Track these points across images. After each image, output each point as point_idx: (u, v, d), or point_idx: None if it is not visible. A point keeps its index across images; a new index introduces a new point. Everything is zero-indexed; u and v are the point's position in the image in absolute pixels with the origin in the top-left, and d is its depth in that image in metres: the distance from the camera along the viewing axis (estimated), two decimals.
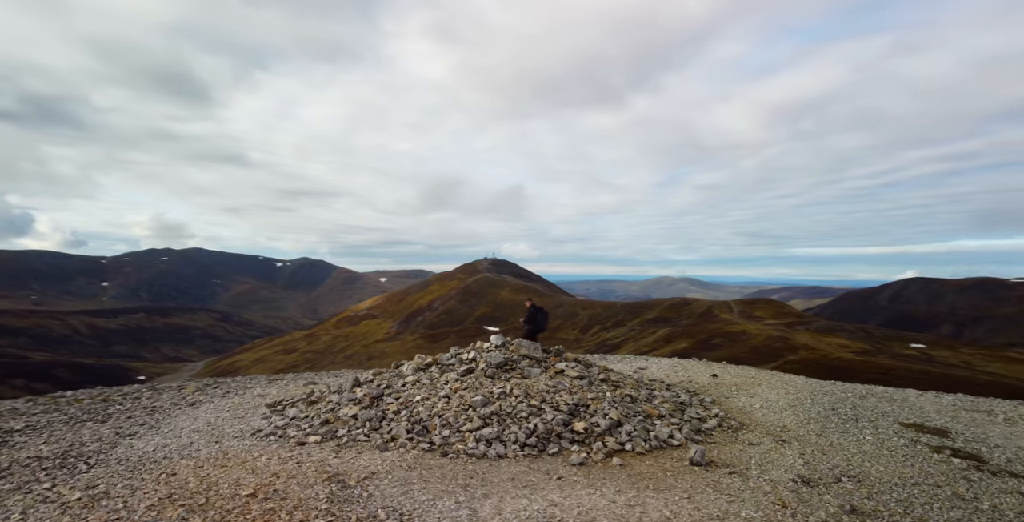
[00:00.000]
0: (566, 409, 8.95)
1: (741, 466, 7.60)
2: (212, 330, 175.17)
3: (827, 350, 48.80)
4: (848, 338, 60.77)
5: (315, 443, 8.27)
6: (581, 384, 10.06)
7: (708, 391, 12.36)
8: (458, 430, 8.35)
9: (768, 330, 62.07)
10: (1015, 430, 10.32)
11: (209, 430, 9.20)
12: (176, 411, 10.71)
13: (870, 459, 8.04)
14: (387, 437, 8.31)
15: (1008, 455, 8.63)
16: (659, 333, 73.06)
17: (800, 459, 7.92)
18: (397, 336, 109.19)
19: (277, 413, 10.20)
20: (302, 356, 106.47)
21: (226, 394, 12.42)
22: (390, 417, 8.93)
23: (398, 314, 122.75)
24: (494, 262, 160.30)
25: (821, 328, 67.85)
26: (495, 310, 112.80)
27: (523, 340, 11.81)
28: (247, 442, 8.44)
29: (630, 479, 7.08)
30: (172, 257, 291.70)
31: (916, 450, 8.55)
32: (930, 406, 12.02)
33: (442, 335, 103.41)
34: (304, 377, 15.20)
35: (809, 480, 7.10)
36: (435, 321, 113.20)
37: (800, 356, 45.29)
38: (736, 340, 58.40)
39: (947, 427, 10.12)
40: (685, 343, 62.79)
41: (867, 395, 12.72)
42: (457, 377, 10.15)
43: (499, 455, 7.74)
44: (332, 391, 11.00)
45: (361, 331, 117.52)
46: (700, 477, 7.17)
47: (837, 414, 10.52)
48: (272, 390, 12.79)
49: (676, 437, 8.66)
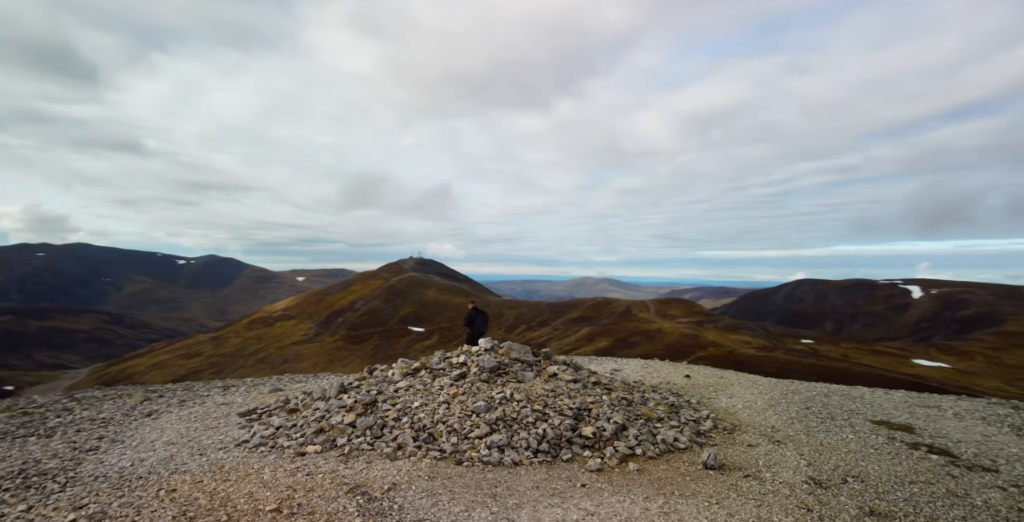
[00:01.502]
0: (570, 414, 8.91)
1: (752, 469, 7.73)
2: (100, 333, 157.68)
3: (732, 346, 52.81)
4: (750, 335, 66.10)
5: (316, 453, 7.93)
6: (576, 387, 10.05)
7: (688, 392, 12.59)
8: (466, 437, 8.19)
9: (681, 328, 66.07)
10: (965, 424, 11.13)
11: (185, 442, 8.68)
12: (133, 423, 10.03)
13: (862, 458, 8.38)
14: (393, 445, 8.04)
15: (972, 449, 9.23)
16: (582, 332, 75.43)
17: (802, 460, 8.13)
18: (316, 337, 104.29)
19: (257, 422, 9.65)
20: (207, 360, 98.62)
21: (182, 403, 11.70)
22: (391, 425, 8.64)
23: (317, 315, 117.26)
24: (420, 261, 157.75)
25: (727, 326, 73.24)
26: (421, 310, 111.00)
27: (513, 344, 11.68)
28: (237, 454, 8.02)
29: (653, 485, 7.10)
30: (50, 253, 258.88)
31: (896, 448, 8.98)
32: (887, 403, 12.70)
33: (365, 336, 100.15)
34: (264, 383, 14.45)
35: (820, 482, 7.31)
36: (357, 322, 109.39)
37: (709, 352, 48.61)
38: (652, 338, 61.61)
39: (911, 423, 10.71)
40: (606, 341, 65.30)
41: (829, 394, 13.32)
42: (451, 382, 9.94)
43: (515, 462, 7.64)
44: (316, 398, 10.47)
45: (276, 333, 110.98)
46: (719, 481, 7.25)
47: (813, 413, 10.93)
48: (236, 398, 12.12)
49: (681, 440, 8.77)
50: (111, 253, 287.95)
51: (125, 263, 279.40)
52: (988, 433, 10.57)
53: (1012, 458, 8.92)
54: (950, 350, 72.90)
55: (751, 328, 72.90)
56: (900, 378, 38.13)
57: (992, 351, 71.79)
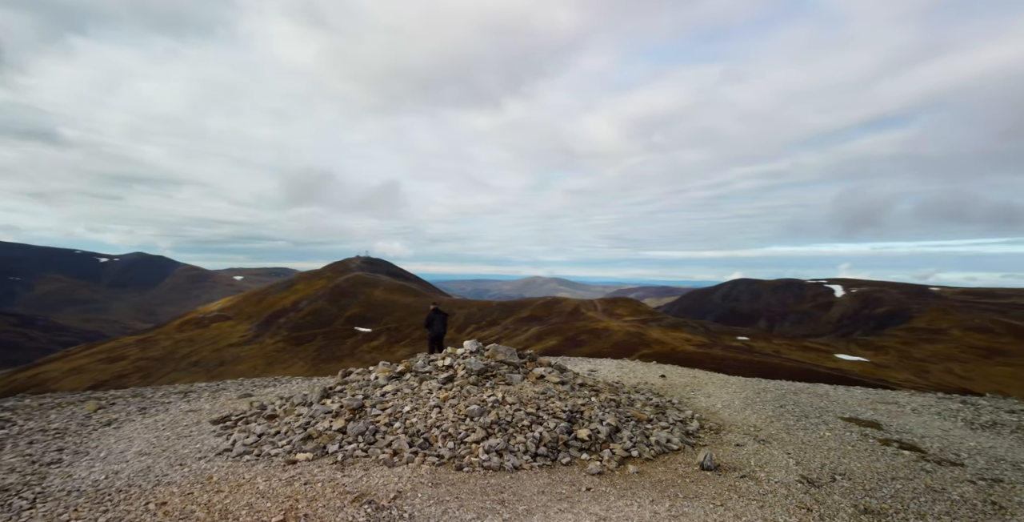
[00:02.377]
0: (564, 416, 8.87)
1: (747, 469, 7.86)
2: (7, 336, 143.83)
3: (675, 344, 54.86)
4: (691, 333, 68.89)
5: (307, 461, 7.66)
6: (565, 390, 10.01)
7: (667, 392, 12.70)
8: (462, 441, 8.07)
9: (627, 326, 67.98)
10: (924, 419, 11.63)
11: (159, 452, 8.30)
12: (93, 433, 9.51)
13: (843, 456, 8.63)
14: (389, 452, 7.85)
15: (937, 444, 9.64)
16: (531, 331, 76.08)
17: (790, 459, 8.32)
18: (255, 339, 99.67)
19: (236, 430, 9.24)
20: (133, 364, 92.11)
21: (143, 411, 11.15)
22: (383, 430, 8.42)
23: (256, 315, 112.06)
24: (367, 261, 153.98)
25: (669, 324, 76.02)
26: (368, 310, 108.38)
27: (499, 346, 11.53)
28: (220, 463, 7.68)
29: (655, 488, 7.13)
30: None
31: (870, 444, 9.28)
32: (850, 400, 13.13)
33: (308, 337, 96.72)
34: (227, 388, 13.81)
35: (812, 480, 7.49)
36: (300, 322, 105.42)
37: (653, 350, 50.28)
38: (600, 336, 63.00)
39: (877, 420, 11.09)
40: (554, 340, 66.17)
41: (798, 392, 13.68)
42: (440, 385, 9.75)
43: (515, 467, 7.57)
44: (297, 403, 10.12)
45: (211, 334, 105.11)
46: (718, 482, 7.34)
47: (788, 411, 11.22)
48: (203, 404, 11.63)
49: (673, 441, 8.85)
50: (21, 250, 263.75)
51: (38, 261, 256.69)
52: (945, 427, 11.08)
53: (972, 451, 9.40)
54: (867, 345, 78.89)
55: (692, 326, 76.03)
56: (825, 372, 40.92)
57: (903, 346, 78.33)
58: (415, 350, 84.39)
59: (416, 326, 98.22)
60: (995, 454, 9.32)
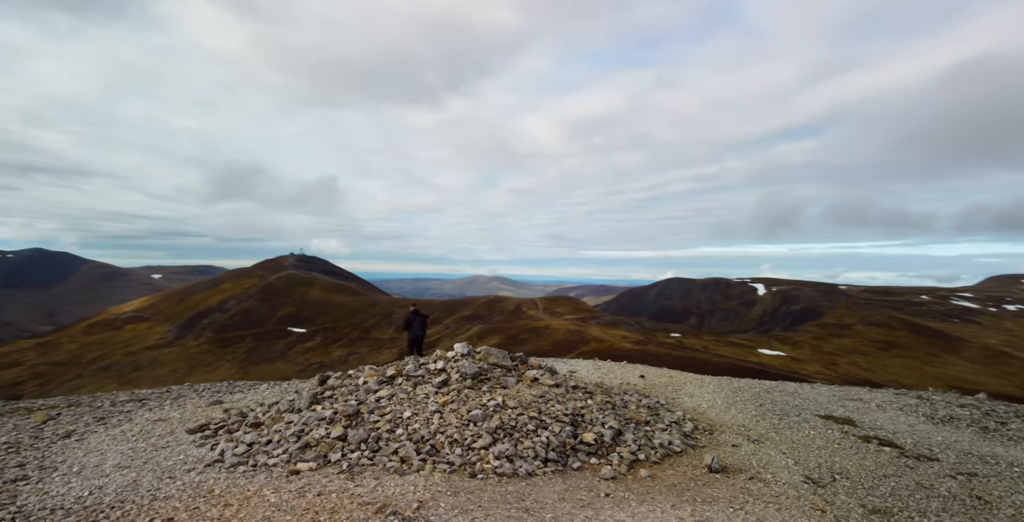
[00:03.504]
0: (567, 420, 8.80)
1: (752, 470, 7.93)
2: None
3: (612, 341, 56.58)
4: (627, 330, 71.30)
5: (311, 471, 7.34)
6: (560, 392, 9.93)
7: (651, 392, 12.68)
8: (470, 448, 7.91)
9: (567, 325, 69.33)
10: (890, 415, 12.04)
11: (141, 465, 7.86)
12: (52, 446, 8.91)
13: (833, 454, 8.82)
14: (396, 460, 7.60)
15: (909, 439, 9.94)
16: (473, 329, 75.92)
17: (788, 459, 8.44)
18: (176, 341, 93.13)
19: (224, 439, 8.75)
20: (30, 370, 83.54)
21: (101, 421, 10.46)
22: (386, 437, 8.15)
23: (178, 316, 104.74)
24: (302, 259, 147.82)
25: (608, 322, 78.32)
26: (302, 310, 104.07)
27: (491, 349, 11.30)
28: (215, 475, 7.31)
29: (672, 492, 7.13)
30: None
31: (852, 441, 9.51)
32: (819, 397, 13.43)
33: (236, 338, 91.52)
34: (188, 394, 13.04)
35: (815, 480, 7.62)
36: (227, 323, 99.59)
37: (592, 347, 51.60)
38: (541, 334, 63.89)
39: (850, 417, 11.40)
40: (496, 339, 66.38)
41: (770, 390, 13.91)
42: (436, 390, 9.54)
43: (528, 473, 7.46)
44: (284, 410, 9.67)
45: (124, 337, 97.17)
46: (729, 485, 7.40)
47: (768, 410, 11.40)
48: (171, 413, 11.02)
49: (675, 444, 8.87)
50: None
51: None
52: (911, 423, 11.54)
53: (941, 446, 9.82)
54: (785, 340, 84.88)
55: (628, 323, 78.73)
56: (750, 367, 43.70)
57: (815, 340, 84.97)
58: (353, 350, 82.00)
59: (354, 326, 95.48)
60: (961, 448, 9.78)
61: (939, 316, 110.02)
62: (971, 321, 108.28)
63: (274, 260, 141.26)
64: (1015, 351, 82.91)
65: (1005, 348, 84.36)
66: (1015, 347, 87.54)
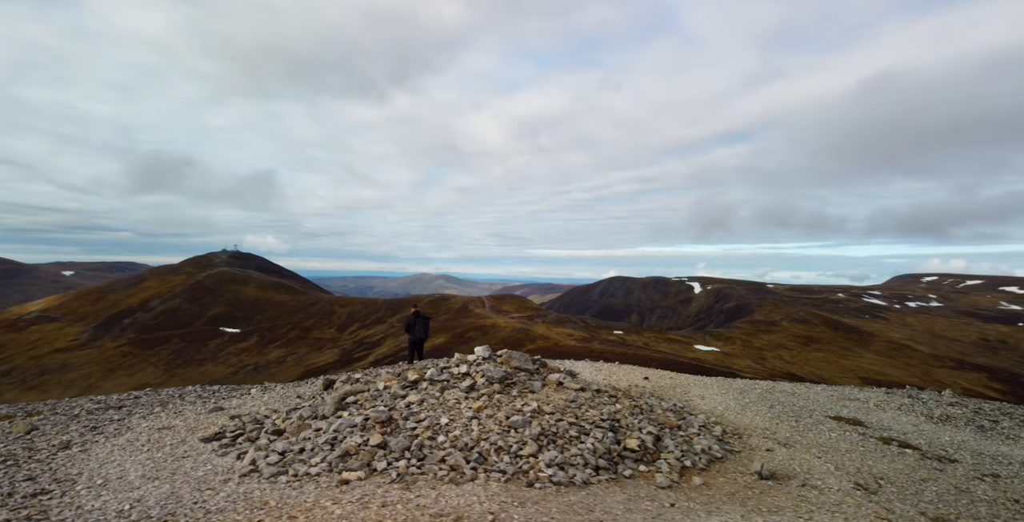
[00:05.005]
0: (606, 425, 8.66)
1: (800, 476, 7.84)
2: None
3: (558, 339, 57.54)
4: (572, 328, 72.74)
5: (360, 480, 7.06)
6: (588, 396, 9.77)
7: (664, 395, 12.51)
8: (518, 455, 7.72)
9: (513, 323, 69.79)
10: (891, 415, 12.24)
11: (168, 476, 7.51)
12: (55, 458, 8.44)
13: (863, 458, 8.75)
14: (445, 468, 7.36)
15: (921, 440, 10.02)
16: None
17: (828, 464, 8.35)
18: (92, 343, 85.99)
19: (252, 448, 8.34)
20: None
21: (95, 430, 9.91)
22: (428, 444, 7.91)
23: (94, 316, 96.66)
24: (235, 255, 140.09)
25: (553, 320, 79.53)
26: (236, 309, 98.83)
27: (513, 352, 11.07)
28: (256, 485, 7.00)
29: (733, 501, 6.99)
30: None
31: (874, 444, 9.52)
32: (818, 398, 13.52)
33: (161, 340, 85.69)
34: (179, 400, 12.42)
35: (865, 486, 7.56)
36: (151, 323, 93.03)
37: (538, 345, 52.24)
38: (487, 333, 63.96)
39: (857, 417, 11.49)
40: (443, 338, 65.86)
41: (770, 391, 13.93)
42: (464, 395, 9.32)
43: (584, 481, 7.31)
44: (307, 417, 9.29)
45: (30, 339, 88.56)
46: (785, 493, 7.29)
47: (781, 412, 11.42)
48: (174, 421, 10.46)
49: (714, 449, 8.73)
50: None
51: None
52: (914, 422, 11.74)
53: (954, 446, 9.96)
54: (719, 337, 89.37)
55: (573, 321, 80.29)
56: (686, 362, 45.79)
57: (746, 336, 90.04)
58: (291, 351, 78.79)
59: (293, 325, 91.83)
60: (971, 448, 10.01)
61: (852, 312, 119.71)
62: (879, 317, 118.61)
63: (204, 257, 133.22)
64: (916, 344, 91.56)
65: (907, 341, 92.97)
66: (915, 340, 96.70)
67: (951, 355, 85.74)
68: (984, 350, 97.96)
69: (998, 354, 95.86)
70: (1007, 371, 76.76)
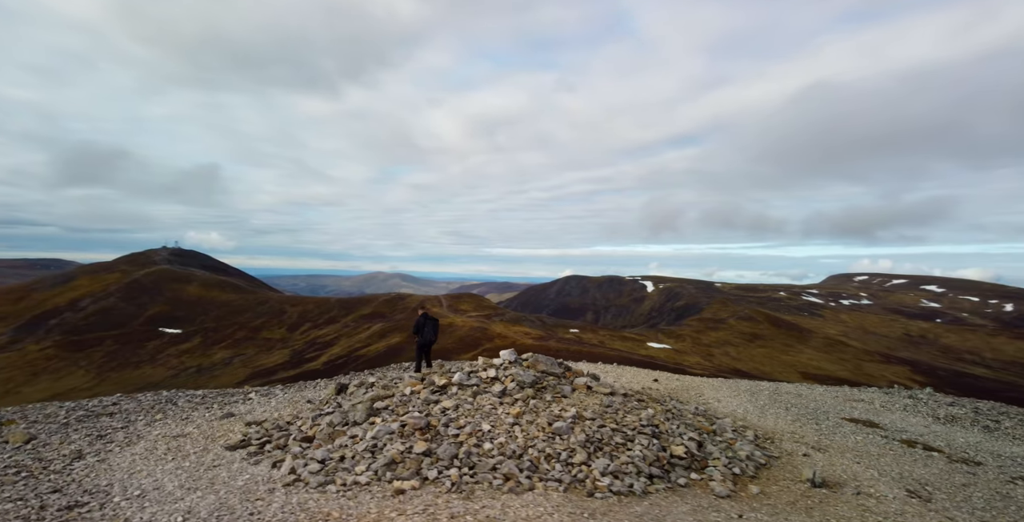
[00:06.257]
0: (648, 432, 8.49)
1: (849, 484, 7.69)
2: None
3: (515, 337, 57.78)
4: (530, 327, 73.16)
5: (414, 489, 6.83)
6: (620, 401, 9.62)
7: (679, 397, 12.27)
8: (568, 463, 7.55)
9: (471, 322, 69.53)
10: (899, 416, 12.26)
11: (207, 486, 7.15)
12: (74, 469, 7.91)
13: (896, 462, 8.69)
14: (500, 477, 7.13)
15: (941, 442, 9.96)
16: (374, 328, 73.43)
17: (871, 470, 8.22)
18: (12, 346, 79.59)
19: (290, 456, 7.97)
20: None
21: (102, 438, 9.41)
22: (474, 452, 7.66)
23: (15, 316, 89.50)
24: (176, 252, 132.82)
25: (510, 319, 79.74)
26: (177, 309, 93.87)
27: (539, 356, 10.85)
28: (308, 495, 6.72)
29: (799, 511, 6.82)
30: None
31: (900, 447, 9.44)
32: (824, 398, 13.49)
33: (93, 341, 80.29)
34: (172, 406, 11.75)
35: (917, 493, 7.47)
36: (81, 324, 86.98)
37: (495, 344, 52.30)
38: (445, 332, 63.36)
39: (872, 419, 11.45)
40: (398, 337, 64.88)
41: (778, 392, 13.84)
42: (499, 400, 9.07)
43: (644, 491, 7.15)
44: (338, 423, 8.88)
45: None
46: (845, 502, 7.13)
47: (799, 414, 11.32)
48: (187, 427, 9.97)
49: (756, 455, 8.57)
50: None
51: None
52: (924, 423, 11.81)
53: (973, 448, 9.93)
54: (670, 334, 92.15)
55: (530, 320, 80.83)
56: (640, 359, 47.05)
57: (695, 333, 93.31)
58: (238, 352, 75.57)
59: (240, 325, 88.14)
60: (988, 449, 10.07)
61: (792, 310, 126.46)
62: (816, 314, 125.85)
63: (142, 253, 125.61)
64: (848, 340, 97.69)
65: (841, 337, 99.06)
66: (848, 336, 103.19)
67: (879, 350, 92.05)
68: (908, 345, 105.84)
69: (920, 348, 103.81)
70: (927, 364, 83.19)
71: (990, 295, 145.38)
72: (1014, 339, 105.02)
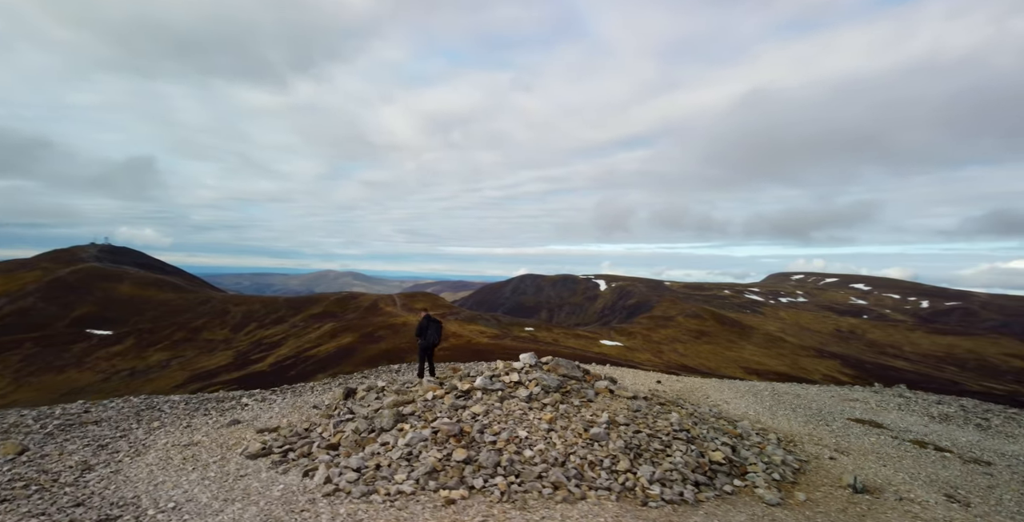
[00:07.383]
0: (684, 437, 8.38)
1: (887, 489, 7.63)
2: None
3: (471, 336, 57.56)
4: (484, 325, 73.09)
5: (464, 499, 6.63)
6: (644, 405, 9.51)
7: (685, 398, 12.12)
8: (612, 470, 7.41)
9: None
10: (897, 415, 12.30)
11: (242, 497, 6.86)
12: (88, 481, 7.45)
13: (917, 464, 8.69)
14: (549, 486, 6.96)
15: (946, 442, 10.02)
16: (324, 328, 71.25)
17: (901, 473, 8.19)
18: None
19: (323, 464, 7.57)
20: None
21: (106, 448, 8.85)
22: (515, 459, 7.47)
23: None
24: (106, 249, 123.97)
25: (465, 318, 79.36)
26: (107, 309, 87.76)
27: (559, 359, 10.62)
28: (356, 506, 6.49)
29: (848, 518, 6.70)
30: None
31: (913, 448, 9.39)
32: (822, 398, 13.52)
33: (9, 344, 73.78)
34: (173, 413, 11.11)
35: (955, 498, 7.47)
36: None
37: (451, 343, 51.87)
38: (398, 332, 62.35)
39: (875, 420, 11.44)
40: (350, 337, 63.24)
41: (778, 393, 13.78)
42: (525, 404, 8.89)
43: (696, 499, 7.05)
44: (365, 430, 8.50)
45: None
46: (891, 508, 7.07)
47: (808, 416, 11.22)
48: (195, 435, 9.47)
49: (788, 460, 8.48)
50: None
51: None
52: (923, 423, 11.91)
53: (977, 448, 10.01)
54: (622, 332, 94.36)
55: (486, 319, 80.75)
56: (593, 356, 47.95)
57: (646, 331, 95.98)
58: (176, 354, 71.52)
59: (179, 326, 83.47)
60: (988, 448, 10.23)
61: (736, 308, 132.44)
62: (758, 312, 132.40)
63: (67, 250, 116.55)
64: (786, 336, 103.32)
65: (780, 334, 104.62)
66: (786, 333, 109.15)
67: (813, 345, 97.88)
68: (838, 340, 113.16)
69: (849, 343, 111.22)
70: (855, 358, 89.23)
71: (909, 293, 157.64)
72: (929, 334, 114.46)
